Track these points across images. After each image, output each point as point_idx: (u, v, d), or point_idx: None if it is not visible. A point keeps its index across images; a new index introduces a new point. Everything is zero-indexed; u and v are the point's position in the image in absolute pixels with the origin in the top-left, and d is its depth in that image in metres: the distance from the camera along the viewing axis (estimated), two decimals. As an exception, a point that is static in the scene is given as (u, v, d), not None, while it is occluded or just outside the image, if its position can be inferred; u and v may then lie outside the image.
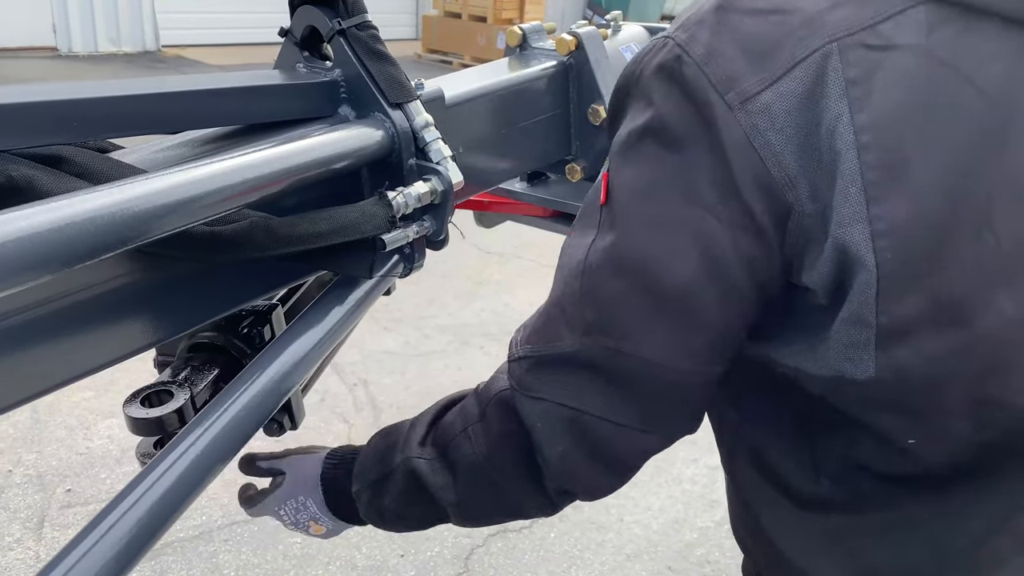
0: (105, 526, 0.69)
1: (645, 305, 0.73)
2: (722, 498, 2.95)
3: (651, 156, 0.73)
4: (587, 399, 0.77)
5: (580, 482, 0.84)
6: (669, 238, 0.72)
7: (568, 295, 0.78)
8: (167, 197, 0.64)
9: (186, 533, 2.61)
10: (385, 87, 0.94)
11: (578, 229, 0.81)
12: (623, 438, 0.80)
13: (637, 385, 0.76)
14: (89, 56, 9.99)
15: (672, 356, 0.75)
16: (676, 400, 0.79)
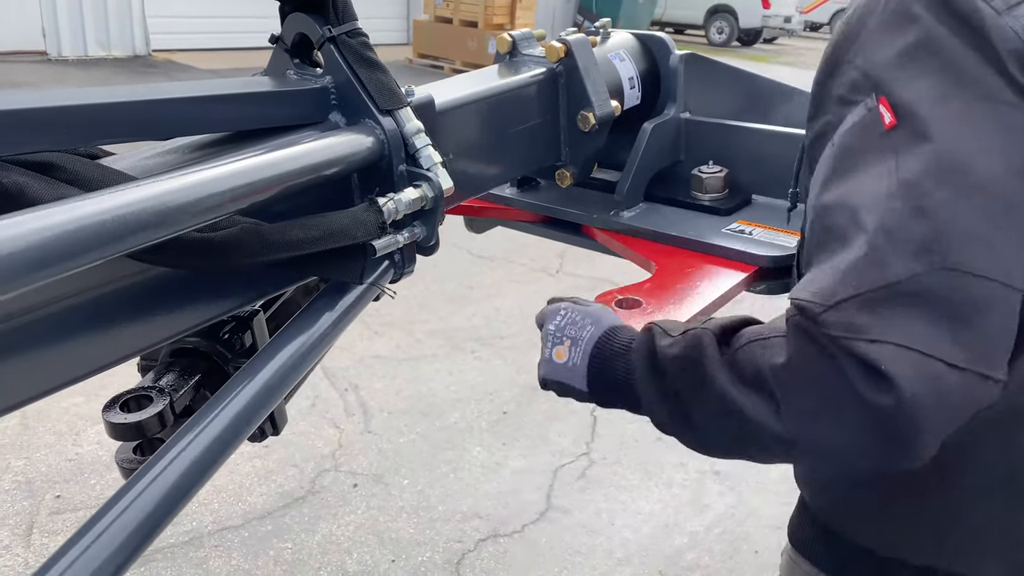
0: (94, 533, 0.69)
1: (981, 207, 0.67)
2: (712, 503, 2.97)
3: (932, 67, 0.72)
4: (939, 338, 0.65)
5: (915, 440, 0.68)
6: (984, 134, 0.69)
7: (887, 224, 0.68)
8: (158, 204, 0.64)
9: (176, 539, 2.60)
10: (375, 94, 0.95)
11: (851, 179, 0.73)
12: (968, 387, 0.67)
13: (987, 306, 0.67)
14: (79, 60, 9.95)
15: (1013, 266, 0.67)
16: (1012, 334, 0.69)
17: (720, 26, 19.27)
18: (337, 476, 2.99)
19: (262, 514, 2.76)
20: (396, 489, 2.94)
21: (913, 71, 0.73)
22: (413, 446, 3.20)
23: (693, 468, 3.20)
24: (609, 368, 0.91)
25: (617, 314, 1.09)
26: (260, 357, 0.86)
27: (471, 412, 3.47)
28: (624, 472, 3.15)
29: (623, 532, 2.83)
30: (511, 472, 3.09)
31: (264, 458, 3.03)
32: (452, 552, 2.67)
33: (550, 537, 2.77)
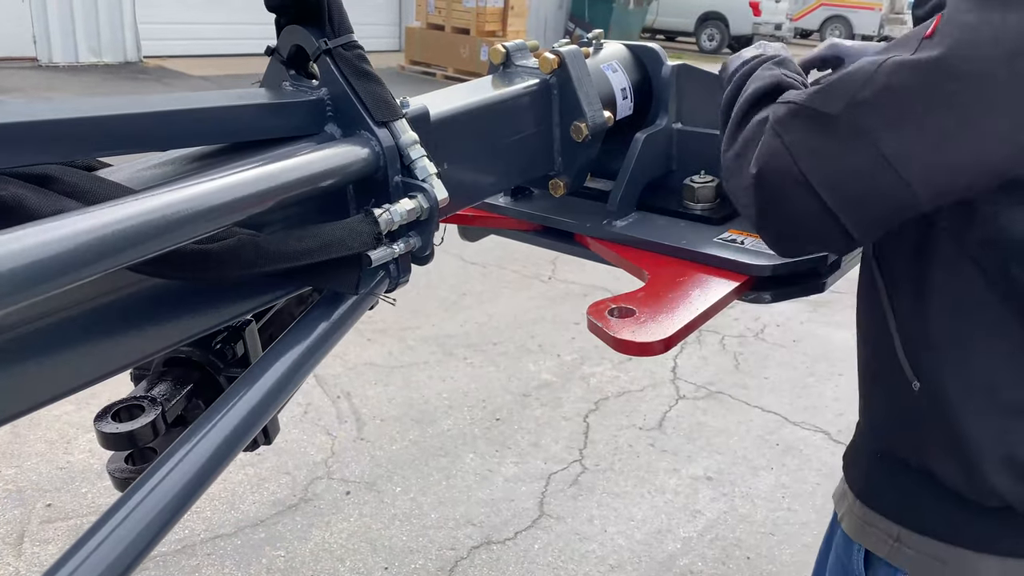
0: (92, 544, 0.69)
1: (923, 110, 0.82)
2: (704, 508, 2.98)
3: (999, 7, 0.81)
4: (813, 163, 0.88)
5: (746, 211, 0.98)
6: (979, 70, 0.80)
7: (854, 75, 0.86)
8: (159, 216, 0.65)
9: (169, 547, 2.60)
10: (371, 106, 0.95)
11: (883, 53, 0.88)
12: (810, 208, 0.90)
13: (863, 174, 0.85)
14: (69, 66, 9.93)
15: (912, 166, 0.83)
16: (883, 207, 0.87)
17: (711, 33, 19.36)
18: (330, 483, 2.99)
19: (255, 522, 2.76)
20: (389, 496, 2.94)
21: (974, 6, 0.82)
22: (406, 453, 3.20)
23: (685, 474, 3.21)
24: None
25: (610, 325, 1.10)
26: (256, 368, 0.86)
27: (464, 419, 3.47)
28: (617, 479, 3.16)
29: (616, 539, 2.83)
30: (504, 479, 3.10)
31: (257, 466, 3.03)
32: (445, 559, 2.67)
33: (543, 544, 2.77)
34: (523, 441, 3.35)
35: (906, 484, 1.05)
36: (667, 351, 1.09)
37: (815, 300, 4.59)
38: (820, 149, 0.88)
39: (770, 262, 1.23)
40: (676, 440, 3.45)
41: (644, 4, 16.94)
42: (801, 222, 0.93)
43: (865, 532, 1.11)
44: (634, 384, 3.88)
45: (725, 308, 1.22)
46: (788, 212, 0.93)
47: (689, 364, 4.10)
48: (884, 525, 1.08)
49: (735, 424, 3.60)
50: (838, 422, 3.61)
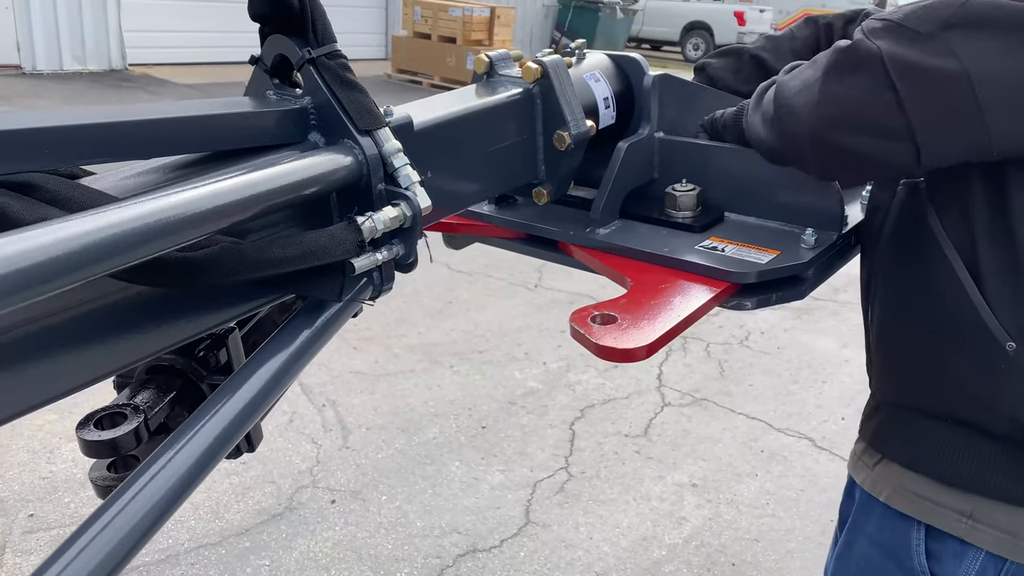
0: (72, 553, 0.69)
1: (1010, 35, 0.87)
2: (689, 515, 2.99)
3: None
4: (903, 72, 0.90)
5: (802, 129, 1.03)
6: None
7: (947, 2, 0.90)
8: (140, 225, 0.65)
9: (152, 557, 2.58)
10: (354, 114, 0.96)
11: None
12: (879, 133, 0.94)
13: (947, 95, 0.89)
14: (54, 74, 9.88)
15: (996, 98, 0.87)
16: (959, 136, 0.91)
17: (696, 43, 19.50)
18: (315, 492, 2.98)
19: (239, 531, 2.75)
20: (374, 505, 2.94)
21: None
22: (391, 461, 3.20)
23: (671, 481, 3.22)
24: None
25: (592, 331, 1.11)
26: (239, 376, 0.87)
27: (450, 427, 3.47)
28: (603, 486, 3.16)
29: (602, 546, 2.84)
30: (490, 487, 3.10)
31: (241, 475, 3.02)
32: (431, 568, 2.66)
33: (529, 552, 2.78)
34: (509, 449, 3.35)
35: (990, 452, 1.01)
36: (649, 357, 1.10)
37: (798, 308, 4.62)
38: (912, 63, 0.90)
39: (751, 269, 1.25)
40: (661, 447, 3.46)
41: (630, 14, 17.05)
42: (873, 135, 0.96)
43: (931, 510, 1.07)
44: (620, 391, 3.89)
45: (709, 315, 1.23)
46: (863, 123, 0.96)
47: (674, 371, 4.12)
48: (955, 500, 1.04)
49: (720, 431, 3.62)
50: (822, 429, 3.64)
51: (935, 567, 1.08)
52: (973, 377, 1.01)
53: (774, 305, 1.29)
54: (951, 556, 1.06)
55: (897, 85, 0.91)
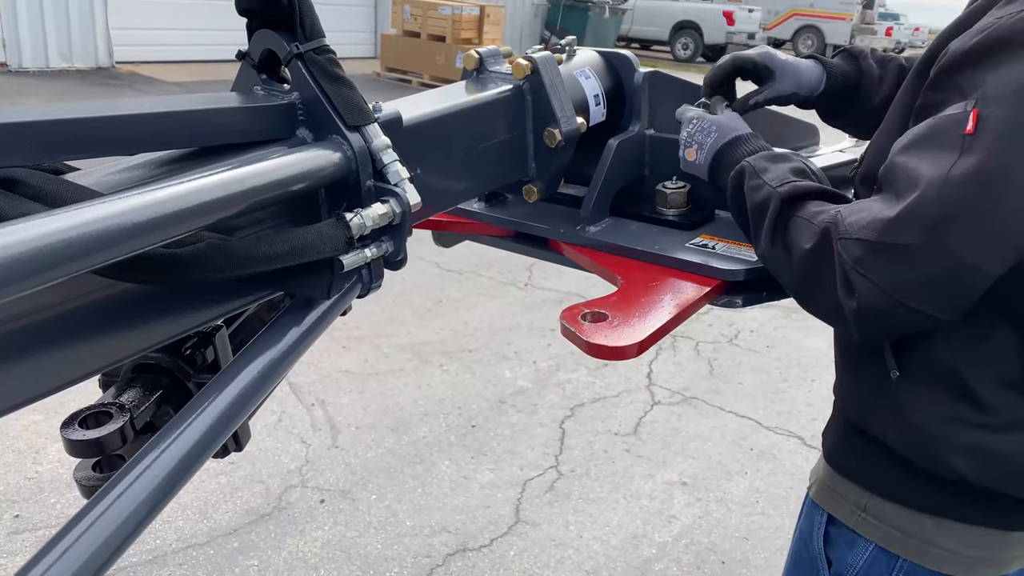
0: (55, 554, 0.68)
1: (993, 216, 0.87)
2: (679, 514, 2.99)
3: None
4: (911, 289, 0.91)
5: (857, 334, 0.99)
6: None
7: (922, 201, 0.89)
8: (125, 220, 0.64)
9: (139, 557, 2.56)
10: (343, 110, 0.95)
11: (924, 154, 0.92)
12: (917, 322, 0.94)
13: (956, 282, 0.90)
14: (40, 72, 9.81)
15: (993, 260, 0.89)
16: (973, 294, 0.92)
17: (685, 42, 19.54)
18: (304, 492, 2.97)
19: (228, 531, 2.73)
20: (364, 504, 2.93)
21: (1012, 102, 0.86)
22: (381, 461, 3.19)
23: (660, 479, 3.22)
24: (720, 173, 1.25)
25: (583, 329, 1.11)
26: (226, 373, 0.86)
27: (439, 426, 3.46)
28: (592, 484, 3.16)
29: (591, 544, 2.84)
30: (479, 486, 3.09)
31: (230, 474, 3.00)
32: (420, 567, 2.66)
33: (519, 551, 2.77)
34: (499, 448, 3.35)
35: (876, 453, 1.11)
36: (639, 355, 1.09)
37: (788, 306, 4.63)
38: (912, 279, 0.91)
39: (741, 267, 1.24)
40: (651, 446, 3.46)
41: (619, 13, 17.07)
42: (902, 329, 0.99)
43: (833, 500, 1.18)
44: (609, 390, 3.89)
45: (698, 314, 1.23)
46: (890, 328, 0.99)
47: (664, 370, 4.12)
48: (853, 494, 1.15)
49: (709, 429, 3.62)
50: (811, 427, 3.65)
51: (829, 551, 1.21)
52: (867, 394, 1.11)
53: (764, 303, 1.29)
54: (844, 543, 1.18)
55: (908, 304, 0.92)
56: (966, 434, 1.01)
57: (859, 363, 1.13)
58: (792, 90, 1.36)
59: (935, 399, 1.03)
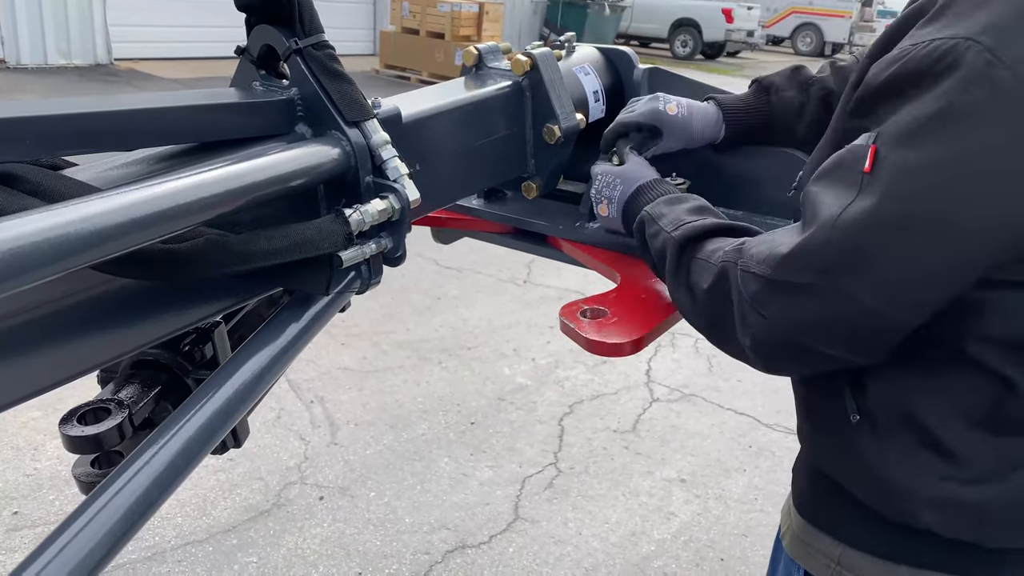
0: (54, 550, 0.68)
1: (889, 263, 0.83)
2: (678, 511, 3.00)
3: (943, 144, 0.79)
4: (804, 328, 0.89)
5: (764, 369, 0.98)
6: (936, 219, 0.80)
7: (815, 241, 0.86)
8: (123, 216, 0.64)
9: (138, 554, 2.56)
10: (342, 106, 0.95)
11: (830, 187, 0.88)
12: (822, 361, 0.92)
13: (855, 325, 0.87)
14: (38, 68, 9.79)
15: (896, 307, 0.85)
16: (884, 339, 0.89)
17: (684, 39, 19.53)
18: (303, 489, 2.97)
19: (226, 528, 2.73)
20: (363, 501, 2.93)
21: (917, 142, 0.81)
22: (380, 458, 3.19)
23: (659, 476, 3.22)
24: (630, 222, 1.22)
25: (582, 326, 1.11)
26: (225, 369, 0.86)
27: (438, 423, 3.46)
28: (591, 481, 3.16)
29: (591, 541, 2.84)
30: (478, 483, 3.09)
31: (229, 471, 3.00)
32: (419, 564, 2.66)
33: (518, 548, 2.77)
34: (498, 445, 3.35)
35: (844, 502, 1.03)
36: (638, 352, 1.10)
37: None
38: (805, 318, 0.89)
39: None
40: (650, 443, 3.46)
41: (618, 10, 17.06)
42: (814, 367, 0.98)
43: (808, 554, 1.10)
44: (608, 387, 3.89)
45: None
46: (797, 365, 0.99)
47: (663, 367, 4.13)
48: (825, 546, 1.07)
49: (708, 426, 3.62)
50: (810, 424, 3.65)
51: None
52: (828, 440, 1.05)
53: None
54: None
55: (802, 342, 0.90)
56: (933, 486, 0.94)
57: (818, 405, 1.07)
58: (681, 145, 1.34)
59: (897, 447, 0.95)
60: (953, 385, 0.92)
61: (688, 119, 1.32)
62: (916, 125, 0.80)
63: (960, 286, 0.85)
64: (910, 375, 0.94)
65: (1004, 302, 0.86)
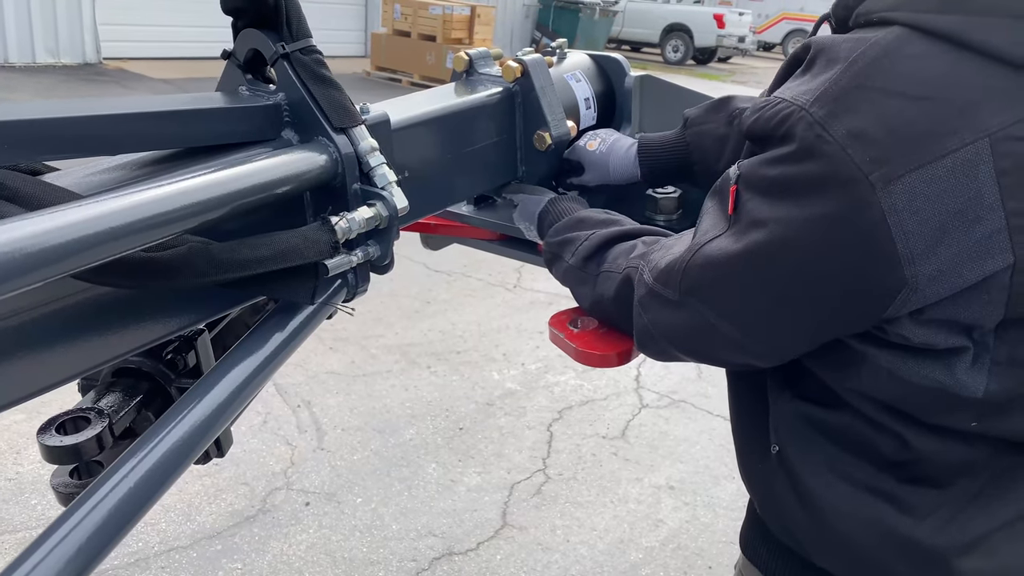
0: (29, 566, 0.66)
1: (742, 302, 0.86)
2: (667, 518, 2.98)
3: (783, 205, 0.78)
4: (673, 335, 0.95)
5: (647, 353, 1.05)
6: (778, 273, 0.81)
7: (683, 262, 0.90)
8: (101, 225, 0.63)
9: (121, 560, 2.53)
10: (329, 111, 0.94)
11: (713, 208, 0.92)
12: (684, 356, 0.99)
13: (718, 345, 0.91)
14: (26, 67, 9.72)
15: (754, 341, 0.88)
16: (757, 361, 0.92)
17: (676, 44, 19.57)
18: (289, 494, 2.94)
19: (211, 534, 2.70)
20: (349, 507, 2.90)
21: (764, 195, 0.81)
22: (367, 463, 3.17)
23: (648, 483, 3.21)
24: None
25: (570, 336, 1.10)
26: (208, 379, 0.84)
27: (427, 428, 3.44)
28: (580, 488, 3.15)
29: (578, 548, 2.82)
30: (466, 489, 3.07)
31: (214, 476, 2.97)
32: (406, 571, 2.64)
33: (505, 555, 2.75)
34: (486, 451, 3.33)
35: (779, 548, 1.04)
36: (625, 363, 1.09)
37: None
38: (674, 327, 0.94)
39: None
40: (639, 449, 3.45)
41: (610, 15, 17.08)
42: (679, 360, 1.02)
43: None
44: (598, 393, 3.88)
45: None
46: (667, 359, 1.03)
47: (652, 373, 4.12)
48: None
49: (697, 433, 3.62)
50: (798, 431, 3.65)
51: None
52: (751, 470, 1.06)
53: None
54: None
55: (676, 349, 0.97)
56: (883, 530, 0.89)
57: (741, 430, 1.08)
58: (599, 181, 1.37)
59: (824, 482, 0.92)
60: (834, 431, 0.91)
61: (605, 157, 1.34)
62: (765, 183, 0.81)
63: (825, 335, 0.84)
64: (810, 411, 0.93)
65: (872, 358, 0.83)
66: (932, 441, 0.85)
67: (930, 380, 0.79)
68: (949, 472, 0.86)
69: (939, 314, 0.76)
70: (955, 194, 0.71)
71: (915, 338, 0.78)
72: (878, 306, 0.76)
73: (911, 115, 0.72)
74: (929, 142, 0.71)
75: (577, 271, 1.14)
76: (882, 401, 0.85)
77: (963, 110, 0.71)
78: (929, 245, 0.72)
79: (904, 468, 0.87)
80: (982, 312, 0.75)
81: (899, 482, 0.88)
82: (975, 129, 0.70)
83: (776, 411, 0.97)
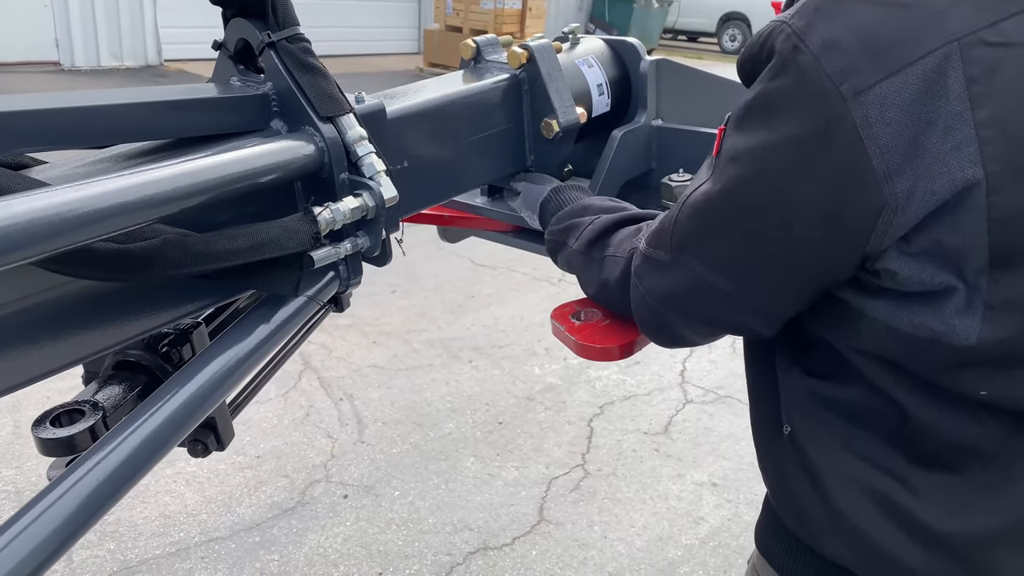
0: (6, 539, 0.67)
1: (728, 246, 0.83)
2: (708, 515, 2.92)
3: (757, 132, 0.77)
4: (670, 299, 0.92)
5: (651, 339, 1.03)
6: (757, 206, 0.78)
7: (670, 219, 0.89)
8: (53, 213, 0.62)
9: (163, 550, 2.59)
10: (315, 100, 0.92)
11: (703, 168, 0.90)
12: (684, 328, 0.95)
13: (712, 303, 0.88)
14: (91, 70, 10.05)
15: (749, 292, 0.84)
16: (753, 320, 0.88)
17: (733, 33, 19.20)
18: (328, 487, 2.97)
19: (250, 525, 2.74)
20: (386, 500, 2.91)
21: (743, 126, 0.79)
22: (406, 456, 3.18)
23: (690, 480, 3.15)
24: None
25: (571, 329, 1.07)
26: (189, 367, 0.84)
27: (466, 422, 3.44)
28: (619, 484, 3.11)
29: (616, 545, 2.78)
30: (504, 483, 3.06)
31: (255, 468, 3.02)
32: (441, 565, 2.63)
33: (541, 551, 2.73)
34: (525, 445, 3.31)
35: (793, 541, 0.98)
36: (627, 356, 1.05)
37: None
38: (667, 290, 0.92)
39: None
40: (681, 445, 3.39)
41: (665, 5, 16.85)
42: (684, 339, 0.99)
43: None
44: (640, 388, 3.83)
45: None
46: (670, 337, 1.00)
47: (698, 368, 4.04)
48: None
49: (743, 429, 3.53)
50: (849, 428, 3.53)
51: None
52: (766, 452, 1.00)
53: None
54: None
55: (674, 318, 0.94)
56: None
57: (757, 415, 1.02)
58: (527, 209, 1.37)
59: (797, 464, 0.89)
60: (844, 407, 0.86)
61: (531, 189, 1.34)
62: (743, 111, 0.79)
63: (815, 280, 0.80)
64: (816, 386, 0.89)
65: (867, 310, 0.79)
66: (935, 412, 0.80)
67: (924, 329, 0.75)
68: (961, 454, 0.81)
69: (924, 241, 0.72)
70: (926, 103, 0.68)
71: (904, 273, 0.73)
72: (861, 235, 0.73)
73: (883, 22, 0.70)
74: (898, 50, 0.69)
75: (581, 256, 1.12)
76: (885, 359, 0.81)
77: (932, 16, 0.69)
78: (905, 159, 0.69)
79: (912, 445, 0.82)
80: (964, 238, 0.70)
81: (908, 462, 0.83)
82: (944, 33, 0.68)
83: (786, 389, 0.93)
